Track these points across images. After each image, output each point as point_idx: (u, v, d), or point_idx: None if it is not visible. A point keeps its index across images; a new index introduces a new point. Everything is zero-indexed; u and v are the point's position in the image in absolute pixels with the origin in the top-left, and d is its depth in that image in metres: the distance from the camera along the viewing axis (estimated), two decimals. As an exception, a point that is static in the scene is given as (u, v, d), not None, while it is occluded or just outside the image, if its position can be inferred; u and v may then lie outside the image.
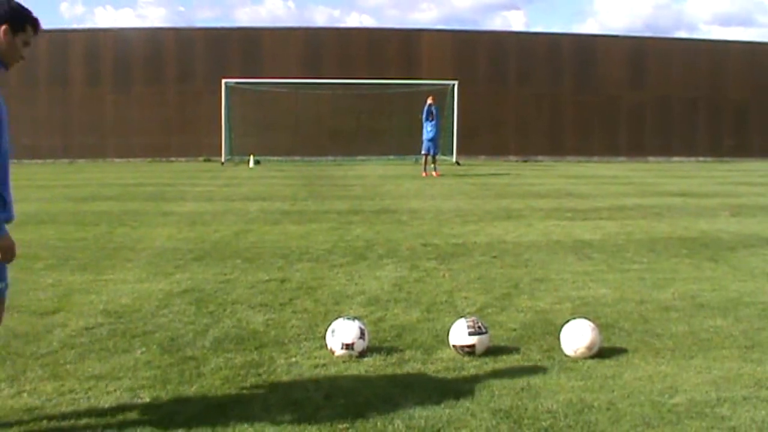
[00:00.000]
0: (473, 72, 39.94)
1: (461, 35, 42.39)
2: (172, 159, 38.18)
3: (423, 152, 27.40)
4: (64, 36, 38.97)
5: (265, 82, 36.13)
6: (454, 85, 35.85)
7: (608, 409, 4.88)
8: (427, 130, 26.67)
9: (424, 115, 26.86)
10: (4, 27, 4.17)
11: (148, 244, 11.53)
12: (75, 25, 69.40)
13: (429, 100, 27.13)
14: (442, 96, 34.25)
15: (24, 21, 4.25)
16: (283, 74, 37.06)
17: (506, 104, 40.88)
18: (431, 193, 20.08)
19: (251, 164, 33.72)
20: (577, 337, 5.93)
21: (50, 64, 38.28)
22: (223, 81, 35.79)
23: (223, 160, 35.64)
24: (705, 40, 46.63)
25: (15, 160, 35.62)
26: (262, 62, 39.02)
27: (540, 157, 40.41)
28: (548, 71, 41.54)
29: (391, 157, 37.25)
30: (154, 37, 39.92)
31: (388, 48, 40.39)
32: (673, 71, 42.54)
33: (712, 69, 42.94)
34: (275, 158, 36.61)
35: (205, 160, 37.71)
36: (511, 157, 40.29)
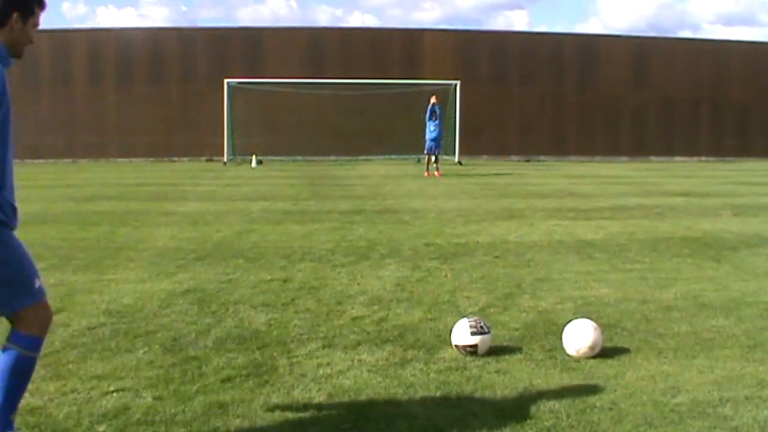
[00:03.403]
0: (476, 72, 39.95)
1: (464, 35, 42.42)
2: (175, 159, 38.21)
3: (425, 152, 27.39)
4: (66, 36, 39.00)
5: (267, 81, 36.15)
6: (456, 84, 35.86)
7: (610, 408, 4.88)
8: (430, 129, 26.65)
9: (427, 115, 26.85)
10: (15, 15, 3.90)
11: (150, 244, 11.53)
12: (77, 25, 69.39)
13: (432, 100, 27.13)
14: (444, 96, 34.24)
15: (32, 4, 3.98)
16: (286, 74, 37.10)
17: (509, 104, 40.90)
18: (433, 192, 20.08)
19: (254, 164, 33.77)
20: (580, 336, 5.93)
21: (52, 63, 38.32)
22: (226, 81, 35.84)
23: (225, 159, 35.70)
24: (707, 40, 46.62)
25: (17, 160, 35.97)
26: (264, 62, 39.07)
27: (542, 157, 40.40)
28: (551, 71, 41.55)
29: (393, 156, 37.26)
30: (156, 36, 39.95)
31: (391, 48, 40.40)
32: (676, 71, 42.53)
33: (714, 69, 42.93)
34: (278, 158, 36.65)
35: (207, 160, 37.75)
36: (513, 157, 40.30)
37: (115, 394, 5.13)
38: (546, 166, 35.61)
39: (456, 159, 35.12)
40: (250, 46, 39.53)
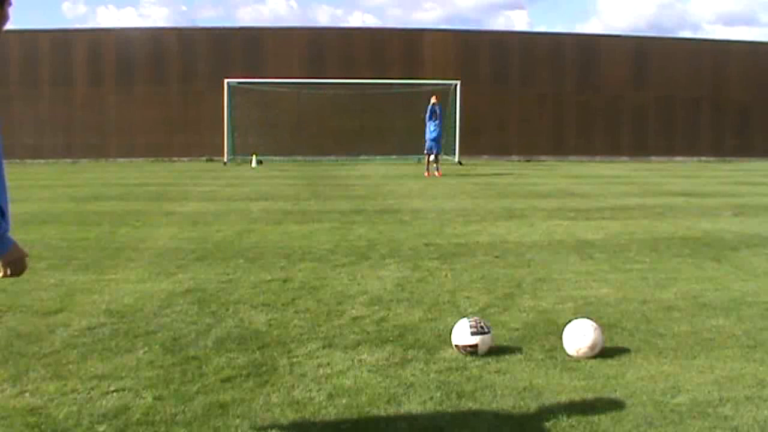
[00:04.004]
0: (476, 72, 39.97)
1: (463, 35, 42.44)
2: (175, 159, 38.23)
3: (425, 152, 27.34)
4: (66, 36, 39.04)
5: (267, 81, 36.19)
6: (456, 84, 35.87)
7: (611, 409, 4.88)
8: (430, 129, 26.60)
9: (427, 115, 26.81)
10: None
11: (150, 244, 11.54)
12: (77, 25, 69.47)
13: (433, 100, 27.12)
14: (444, 96, 34.26)
15: None
16: (286, 74, 37.15)
17: (509, 104, 40.90)
18: (433, 193, 20.09)
19: (254, 164, 33.83)
20: (580, 337, 5.94)
21: (53, 64, 38.36)
22: (226, 81, 35.86)
23: (225, 159, 35.74)
24: (708, 39, 46.65)
25: (17, 160, 36.00)
26: (264, 62, 39.09)
27: (542, 157, 40.43)
28: (551, 71, 41.56)
29: (393, 157, 37.27)
30: (156, 37, 39.96)
31: (391, 48, 40.41)
32: (676, 71, 42.55)
33: (714, 69, 42.96)
34: (277, 158, 36.67)
35: (207, 160, 37.80)
36: (514, 157, 40.32)
37: (115, 394, 5.13)
38: (546, 166, 35.62)
39: (456, 159, 35.12)
40: (250, 46, 39.54)
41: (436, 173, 26.61)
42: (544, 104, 41.43)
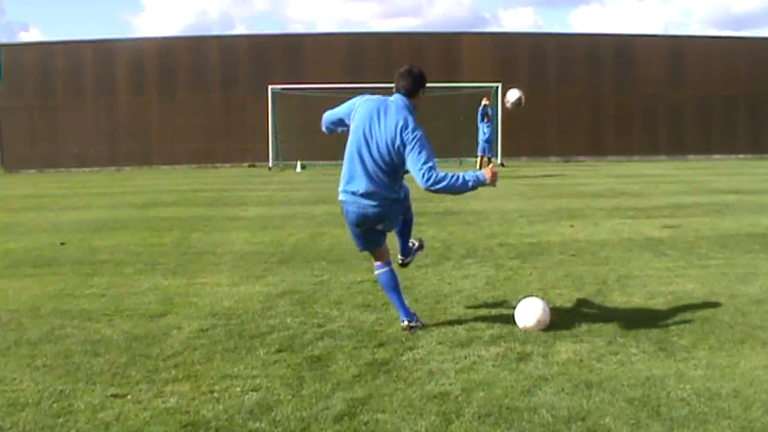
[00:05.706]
0: (513, 74, 39.93)
1: (501, 38, 42.56)
2: (217, 165, 38.51)
3: (479, 153, 27.12)
4: (109, 45, 39.45)
5: (309, 87, 36.38)
6: (497, 87, 35.88)
7: (736, 396, 5.08)
8: (483, 131, 26.50)
9: (479, 117, 26.68)
10: (421, 90, 6.99)
11: (227, 249, 11.79)
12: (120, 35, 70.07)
13: (484, 101, 27.10)
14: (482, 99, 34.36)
15: (425, 85, 7.02)
16: (326, 79, 37.32)
17: (547, 105, 40.84)
18: (488, 194, 20.02)
19: (298, 169, 34.10)
20: (526, 315, 6.75)
21: (96, 73, 38.81)
22: (270, 87, 36.13)
23: (270, 165, 36.01)
24: (744, 37, 46.47)
25: (63, 169, 36.31)
26: (304, 68, 39.26)
27: (581, 158, 40.37)
28: (588, 72, 41.52)
29: (435, 159, 37.25)
30: (197, 45, 40.28)
31: (429, 52, 40.51)
32: (712, 69, 42.38)
33: (751, 66, 42.73)
34: (320, 162, 36.85)
35: (249, 166, 38.12)
36: (552, 158, 40.29)
37: (253, 393, 5.32)
38: (587, 166, 35.55)
39: (499, 161, 35.12)
40: (290, 53, 39.78)
41: (489, 175, 26.35)
42: (581, 105, 41.35)
